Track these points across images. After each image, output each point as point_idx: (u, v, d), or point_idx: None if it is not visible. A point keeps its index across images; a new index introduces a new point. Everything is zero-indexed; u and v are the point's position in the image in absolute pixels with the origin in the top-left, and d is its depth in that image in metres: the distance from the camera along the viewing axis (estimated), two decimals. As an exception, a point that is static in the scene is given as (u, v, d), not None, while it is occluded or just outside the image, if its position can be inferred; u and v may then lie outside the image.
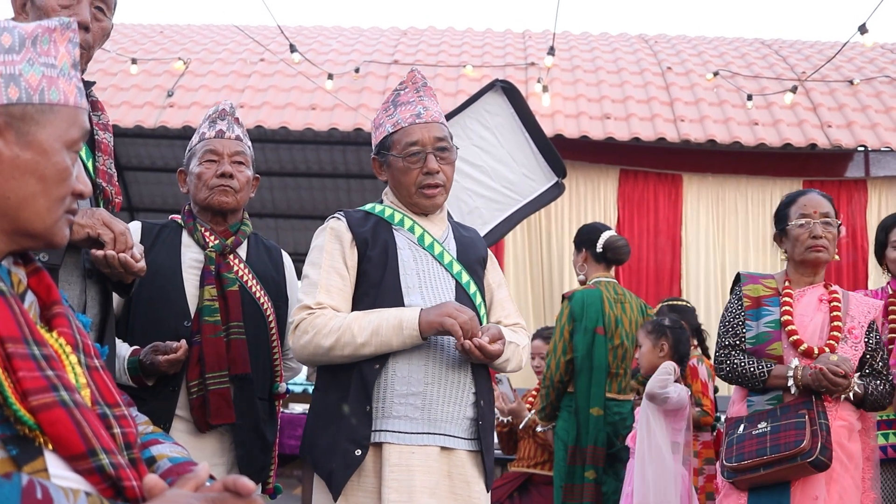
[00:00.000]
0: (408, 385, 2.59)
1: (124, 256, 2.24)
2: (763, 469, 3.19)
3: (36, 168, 1.32)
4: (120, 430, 1.35)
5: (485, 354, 2.56)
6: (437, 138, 2.75)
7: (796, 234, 3.50)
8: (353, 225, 2.74)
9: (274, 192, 12.07)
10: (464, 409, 2.65)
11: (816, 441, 3.10)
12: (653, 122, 8.65)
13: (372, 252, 2.68)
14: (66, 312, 1.39)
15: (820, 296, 3.50)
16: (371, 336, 2.54)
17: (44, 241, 1.37)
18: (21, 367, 1.21)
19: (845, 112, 8.88)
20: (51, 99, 1.34)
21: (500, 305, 2.90)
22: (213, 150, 3.01)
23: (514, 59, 9.96)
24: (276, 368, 3.03)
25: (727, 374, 3.47)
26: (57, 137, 1.34)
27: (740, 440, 3.29)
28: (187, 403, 2.82)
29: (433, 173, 2.73)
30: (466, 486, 2.64)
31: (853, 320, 3.45)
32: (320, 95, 9.04)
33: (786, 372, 3.30)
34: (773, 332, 3.41)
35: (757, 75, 9.62)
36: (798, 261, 3.52)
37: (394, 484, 2.51)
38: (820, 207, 3.50)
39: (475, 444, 2.68)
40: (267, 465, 3.01)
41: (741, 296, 3.54)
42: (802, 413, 3.20)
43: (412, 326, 2.53)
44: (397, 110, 2.79)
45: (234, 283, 2.92)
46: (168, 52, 10.06)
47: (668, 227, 8.58)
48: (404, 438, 2.57)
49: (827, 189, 8.64)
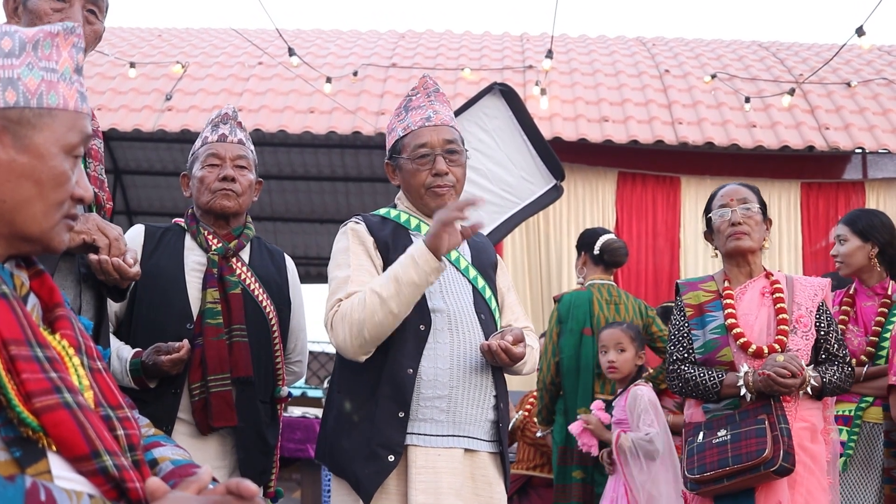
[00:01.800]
0: (433, 388, 2.60)
1: (118, 261, 2.26)
2: (726, 480, 3.11)
3: (32, 172, 1.32)
4: (123, 431, 1.35)
5: (510, 357, 2.58)
6: (446, 140, 2.77)
7: (717, 224, 3.41)
8: (374, 229, 2.75)
9: (273, 195, 12.07)
10: (486, 412, 2.68)
11: (779, 448, 3.01)
12: (651, 124, 8.67)
13: (394, 256, 2.67)
14: (68, 315, 1.40)
15: (762, 289, 3.38)
16: (394, 286, 2.50)
17: (41, 245, 1.37)
18: (25, 368, 1.21)
19: (843, 114, 8.90)
20: (49, 103, 1.34)
21: (510, 309, 2.91)
22: (216, 154, 3.03)
23: (512, 62, 9.97)
24: (279, 372, 3.04)
25: (680, 389, 3.36)
26: (54, 142, 1.34)
27: (700, 449, 3.20)
28: (189, 406, 2.82)
29: (442, 174, 2.74)
30: (489, 487, 2.67)
31: (800, 307, 3.34)
32: (318, 99, 9.04)
33: (736, 381, 3.19)
34: (719, 338, 3.30)
35: (755, 78, 9.64)
36: (725, 253, 3.43)
37: (421, 486, 2.52)
38: (737, 195, 3.41)
39: (496, 445, 2.71)
40: (268, 469, 3.02)
41: (682, 306, 3.44)
42: (762, 419, 3.11)
43: (423, 252, 2.50)
44: (408, 115, 2.82)
45: (236, 286, 2.93)
46: (166, 56, 10.06)
47: (667, 229, 8.59)
48: (431, 441, 2.59)
49: (825, 191, 8.69)
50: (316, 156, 11.50)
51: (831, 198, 8.61)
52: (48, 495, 1.10)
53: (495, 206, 5.12)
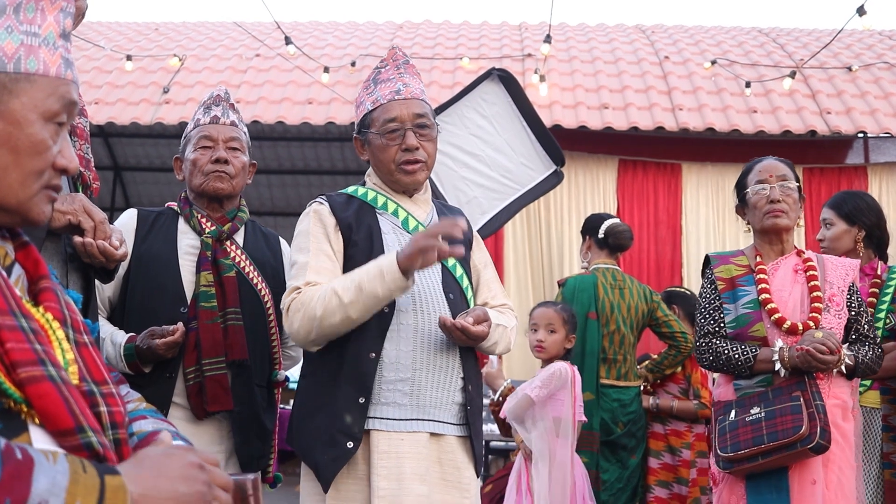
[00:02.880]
0: (396, 371, 2.54)
1: (103, 244, 2.23)
2: (761, 458, 3.06)
3: (8, 139, 1.27)
4: (106, 408, 1.30)
5: (468, 336, 2.52)
6: (416, 115, 2.69)
7: (754, 200, 3.36)
8: (336, 209, 2.69)
9: (273, 189, 12.05)
10: (452, 394, 2.61)
11: (815, 425, 2.98)
12: (651, 111, 8.62)
13: (357, 237, 2.63)
14: (53, 287, 1.35)
15: (794, 266, 3.34)
16: (356, 293, 2.44)
17: (20, 216, 1.32)
18: (9, 338, 1.17)
19: (844, 99, 8.84)
20: (27, 68, 1.29)
21: (486, 286, 2.85)
22: (208, 136, 2.99)
23: (511, 50, 9.92)
24: (275, 356, 3.00)
25: (711, 364, 3.31)
26: (32, 108, 1.29)
27: (733, 428, 3.15)
28: (184, 390, 2.79)
29: (412, 150, 2.68)
30: (456, 472, 2.61)
31: (832, 286, 3.30)
32: (317, 90, 9.01)
33: (771, 356, 3.16)
34: (752, 312, 3.26)
35: (755, 63, 9.58)
36: (759, 229, 3.38)
37: (383, 471, 2.47)
38: (776, 171, 3.36)
39: (464, 429, 2.64)
40: (266, 454, 2.98)
41: (713, 279, 3.39)
42: (797, 395, 3.07)
43: (392, 269, 2.43)
44: (377, 87, 2.74)
45: (230, 269, 2.89)
46: (163, 49, 10.02)
47: (669, 216, 8.54)
48: (393, 425, 2.52)
49: (827, 176, 8.64)
50: (315, 149, 11.47)
51: (833, 183, 8.55)
52: (24, 454, 1.07)
53: (495, 193, 5.07)
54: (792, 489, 3.09)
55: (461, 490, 2.60)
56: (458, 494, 2.59)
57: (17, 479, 1.05)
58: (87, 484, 1.09)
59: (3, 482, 1.04)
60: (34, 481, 1.05)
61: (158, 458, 1.23)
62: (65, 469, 1.09)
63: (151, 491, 1.16)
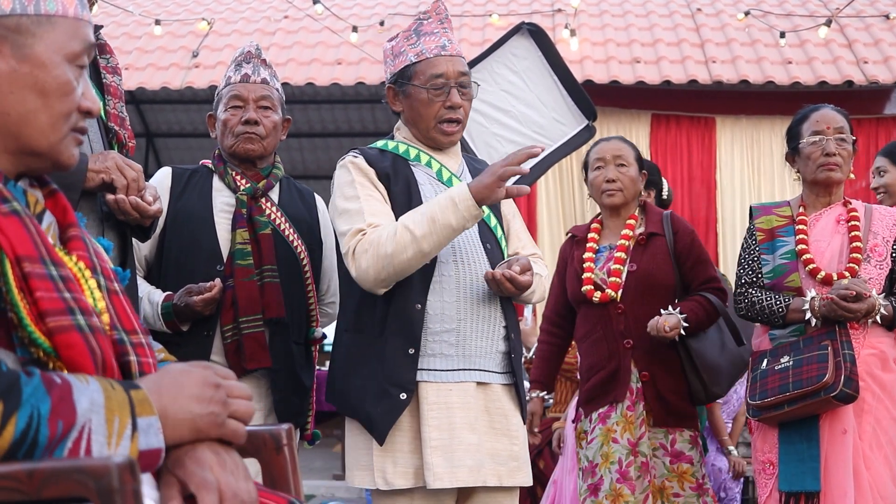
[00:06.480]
0: (441, 322, 2.55)
1: (135, 200, 2.22)
2: (787, 406, 3.05)
3: (35, 82, 1.27)
4: (136, 358, 1.32)
5: (516, 286, 2.52)
6: (460, 73, 2.69)
7: (808, 151, 3.29)
8: (373, 161, 2.68)
9: (304, 153, 12.05)
10: (496, 343, 2.63)
11: (840, 373, 2.94)
12: (684, 64, 8.49)
13: (395, 188, 2.63)
14: (82, 235, 1.35)
15: (838, 216, 3.30)
16: (429, 225, 2.43)
17: (50, 160, 1.32)
18: (39, 286, 1.18)
19: (882, 47, 8.66)
20: (47, 10, 1.28)
21: (516, 236, 2.85)
22: (238, 96, 2.96)
23: (541, 5, 9.80)
24: (312, 313, 3.01)
25: (746, 313, 3.31)
26: (56, 50, 1.28)
27: (763, 376, 3.15)
28: (222, 349, 2.80)
29: (455, 107, 2.67)
30: (504, 420, 2.63)
31: (876, 236, 3.24)
32: (346, 50, 8.96)
33: (802, 305, 3.13)
34: (788, 263, 3.24)
35: (789, 13, 9.40)
36: (810, 181, 3.33)
37: (434, 422, 2.49)
38: (833, 122, 3.29)
39: (509, 377, 2.66)
40: (304, 411, 3.00)
41: (753, 230, 3.38)
42: (825, 344, 3.04)
43: (465, 197, 2.43)
44: (421, 40, 2.71)
45: (266, 226, 2.88)
46: (192, 13, 10.00)
47: (703, 171, 8.44)
48: (441, 376, 2.55)
49: (864, 127, 8.47)
50: (346, 111, 11.44)
51: (871, 133, 8.39)
52: (62, 378, 1.13)
53: (527, 149, 5.03)
54: (822, 438, 3.07)
55: (510, 437, 2.63)
56: (507, 441, 2.62)
57: (64, 401, 1.10)
58: (118, 399, 1.15)
59: (53, 406, 1.09)
60: (77, 403, 1.11)
61: (177, 375, 1.26)
62: (98, 388, 1.14)
63: (168, 409, 1.20)
